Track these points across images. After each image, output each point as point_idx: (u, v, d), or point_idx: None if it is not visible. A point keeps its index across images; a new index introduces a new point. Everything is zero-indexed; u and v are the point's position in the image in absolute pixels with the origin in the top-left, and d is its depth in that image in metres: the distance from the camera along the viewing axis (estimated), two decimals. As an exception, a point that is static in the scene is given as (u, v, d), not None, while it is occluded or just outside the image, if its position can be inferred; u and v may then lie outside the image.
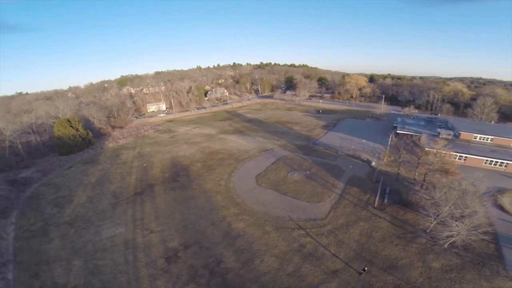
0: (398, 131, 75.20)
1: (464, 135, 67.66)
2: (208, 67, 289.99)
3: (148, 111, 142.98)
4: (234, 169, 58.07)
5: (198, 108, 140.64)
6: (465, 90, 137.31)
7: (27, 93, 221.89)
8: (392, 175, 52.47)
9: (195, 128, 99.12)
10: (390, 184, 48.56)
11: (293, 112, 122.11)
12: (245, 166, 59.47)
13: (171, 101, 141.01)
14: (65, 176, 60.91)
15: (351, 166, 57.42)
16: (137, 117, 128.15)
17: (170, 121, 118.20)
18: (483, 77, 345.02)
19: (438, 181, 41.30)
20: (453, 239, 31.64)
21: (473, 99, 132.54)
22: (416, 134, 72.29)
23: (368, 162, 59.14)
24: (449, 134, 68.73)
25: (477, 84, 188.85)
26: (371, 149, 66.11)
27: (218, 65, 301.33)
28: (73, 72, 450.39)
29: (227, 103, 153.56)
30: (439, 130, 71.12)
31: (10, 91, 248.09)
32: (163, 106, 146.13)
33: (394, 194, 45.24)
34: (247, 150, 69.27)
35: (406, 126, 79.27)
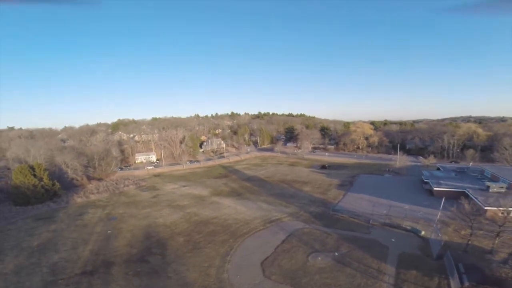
0: (435, 188, 61.12)
1: (516, 187, 54.81)
2: (206, 116, 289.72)
3: (136, 161, 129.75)
4: (230, 249, 40.80)
5: (191, 162, 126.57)
6: (479, 131, 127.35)
7: (20, 129, 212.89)
8: (453, 245, 38.31)
9: (184, 186, 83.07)
10: (458, 259, 34.01)
11: (298, 168, 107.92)
12: (246, 244, 42.25)
13: (161, 151, 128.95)
14: (6, 232, 50.20)
15: (393, 240, 41.23)
16: (121, 168, 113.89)
17: (157, 175, 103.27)
18: (472, 115, 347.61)
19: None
20: None
21: (489, 140, 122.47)
22: (459, 189, 57.93)
23: (415, 232, 43.22)
24: (502, 187, 55.53)
25: (475, 123, 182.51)
26: (419, 215, 50.38)
27: (216, 114, 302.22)
28: (73, 110, 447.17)
29: (223, 157, 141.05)
30: (487, 183, 57.31)
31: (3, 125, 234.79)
32: (153, 157, 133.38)
33: (473, 272, 31.06)
34: (247, 221, 52.16)
35: (441, 181, 64.86)
